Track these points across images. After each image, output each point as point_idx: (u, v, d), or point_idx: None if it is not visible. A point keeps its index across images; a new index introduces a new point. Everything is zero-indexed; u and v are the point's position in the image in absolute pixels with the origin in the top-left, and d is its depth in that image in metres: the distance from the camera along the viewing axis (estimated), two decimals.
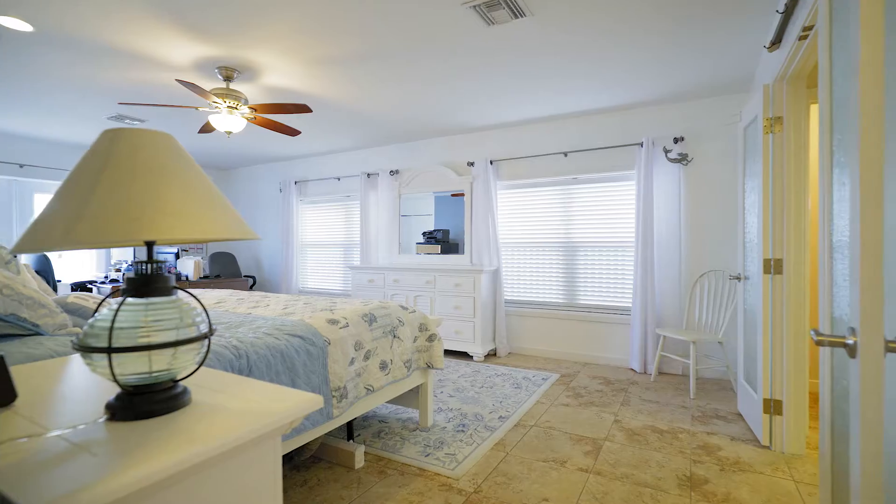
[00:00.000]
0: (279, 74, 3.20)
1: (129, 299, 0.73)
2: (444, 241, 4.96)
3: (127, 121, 4.31)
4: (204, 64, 3.01)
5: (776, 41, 2.22)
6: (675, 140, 3.85)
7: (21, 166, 5.00)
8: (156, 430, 0.68)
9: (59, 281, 4.96)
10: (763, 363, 2.42)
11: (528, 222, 4.65)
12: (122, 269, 5.00)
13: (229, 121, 3.09)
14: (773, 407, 2.39)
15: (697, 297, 3.68)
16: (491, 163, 4.68)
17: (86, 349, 0.66)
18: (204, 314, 0.79)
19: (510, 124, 4.57)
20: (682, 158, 3.82)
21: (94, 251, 5.53)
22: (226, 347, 1.58)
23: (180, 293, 2.22)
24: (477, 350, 4.31)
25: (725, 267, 3.71)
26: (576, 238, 4.39)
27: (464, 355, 4.50)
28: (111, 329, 0.66)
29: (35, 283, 1.78)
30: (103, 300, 0.80)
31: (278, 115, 3.98)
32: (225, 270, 6.15)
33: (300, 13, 2.42)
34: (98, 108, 3.95)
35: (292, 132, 3.63)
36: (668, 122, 3.94)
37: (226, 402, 0.79)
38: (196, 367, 0.77)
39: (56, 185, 5.33)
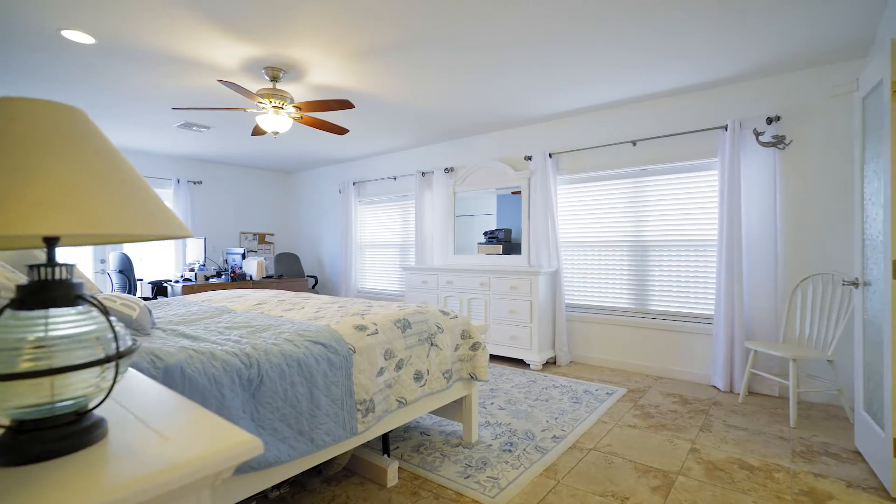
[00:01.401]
0: (323, 71, 3.13)
1: (21, 312, 0.58)
2: (506, 241, 4.70)
3: (194, 128, 4.54)
4: (251, 65, 3.02)
5: None
6: (769, 120, 3.28)
7: None
8: (31, 480, 0.53)
9: (140, 280, 5.37)
10: (893, 392, 1.91)
11: (592, 219, 4.24)
12: (196, 269, 5.30)
13: (276, 121, 3.08)
14: None
15: (798, 306, 3.09)
16: (550, 156, 4.33)
17: None
18: (119, 331, 0.64)
19: (570, 113, 4.20)
20: (778, 142, 3.24)
21: (172, 250, 5.94)
22: (236, 355, 1.47)
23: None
24: (534, 358, 3.99)
25: (836, 270, 3.08)
26: (647, 236, 3.92)
27: (520, 363, 4.20)
28: None
29: None
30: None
31: (324, 113, 3.96)
32: (288, 270, 6.34)
33: (335, 1, 2.30)
34: (162, 115, 4.18)
35: (340, 131, 3.58)
36: (758, 100, 3.37)
37: (146, 440, 0.63)
38: (105, 395, 0.61)
39: None
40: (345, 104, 2.96)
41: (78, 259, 5.36)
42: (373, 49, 2.82)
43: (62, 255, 5.19)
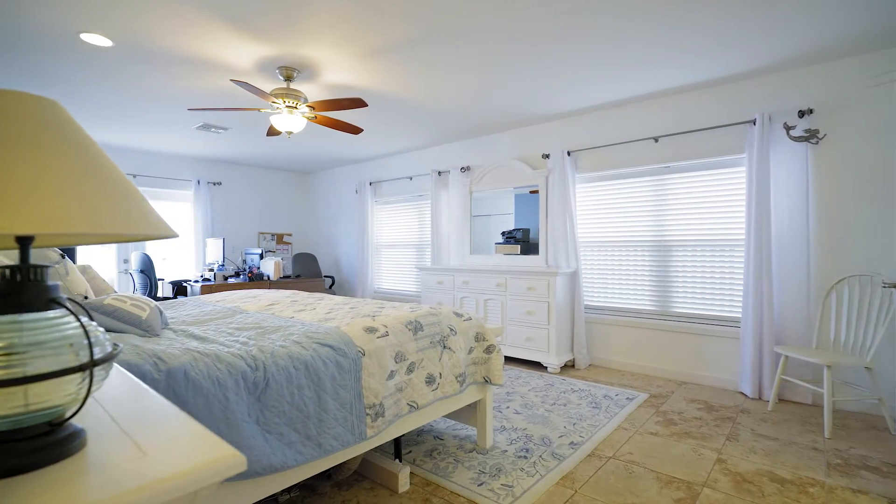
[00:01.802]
0: (337, 70, 3.11)
1: None
2: (524, 241, 4.61)
3: (212, 129, 4.59)
4: (265, 65, 3.02)
5: None
6: (801, 113, 3.11)
7: (134, 176, 5.60)
8: None
9: (161, 279, 5.47)
10: None
11: (612, 219, 4.12)
12: (215, 269, 5.37)
13: (289, 121, 3.07)
14: None
15: (833, 309, 2.92)
16: (568, 153, 4.23)
17: None
18: (98, 336, 0.60)
19: (589, 109, 4.08)
20: (811, 136, 3.08)
21: (193, 250, 6.03)
22: (242, 358, 1.44)
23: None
24: (551, 360, 3.90)
25: (875, 271, 2.91)
26: (670, 236, 3.79)
27: (537, 366, 4.11)
28: None
29: (86, 284, 1.81)
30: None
31: (338, 113, 3.94)
32: (306, 270, 6.37)
33: None
34: (181, 117, 4.23)
35: (354, 130, 3.55)
36: (790, 92, 3.21)
37: (124, 453, 0.59)
38: (79, 406, 0.58)
39: (165, 192, 5.90)
40: (358, 102, 2.93)
41: (102, 259, 5.49)
42: (385, 47, 2.78)
43: (86, 255, 5.32)
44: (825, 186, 3.08)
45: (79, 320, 0.57)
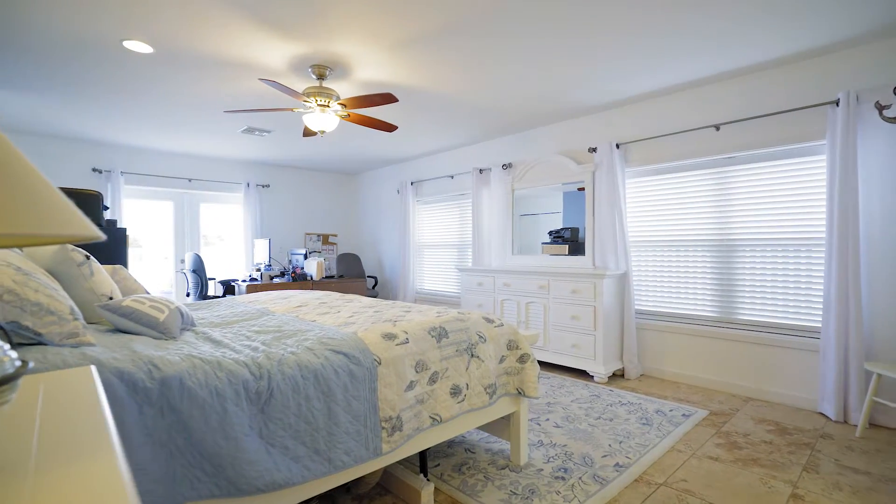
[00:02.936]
0: (369, 66, 3.03)
1: None
2: (572, 241, 4.35)
3: (256, 132, 4.69)
4: (298, 64, 2.99)
5: None
6: None
7: (190, 180, 5.87)
8: None
9: (212, 279, 5.69)
10: None
11: (667, 216, 3.77)
12: (261, 269, 5.51)
13: (322, 119, 3.03)
14: None
15: None
16: (617, 146, 3.92)
17: None
18: (2, 354, 0.50)
19: (640, 97, 3.75)
20: None
21: (243, 251, 6.25)
22: (246, 365, 1.36)
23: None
24: (598, 369, 3.62)
25: None
26: (734, 234, 3.39)
27: (582, 374, 3.84)
28: None
29: (112, 285, 1.82)
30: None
31: (372, 110, 3.88)
32: (349, 271, 6.43)
33: None
34: (227, 122, 4.35)
35: (388, 127, 3.47)
36: (882, 66, 2.75)
37: (10, 497, 0.49)
38: None
39: (217, 195, 6.16)
40: (388, 98, 2.84)
41: (164, 259, 5.80)
42: (415, 37, 2.65)
43: (149, 257, 5.64)
44: None
45: None
